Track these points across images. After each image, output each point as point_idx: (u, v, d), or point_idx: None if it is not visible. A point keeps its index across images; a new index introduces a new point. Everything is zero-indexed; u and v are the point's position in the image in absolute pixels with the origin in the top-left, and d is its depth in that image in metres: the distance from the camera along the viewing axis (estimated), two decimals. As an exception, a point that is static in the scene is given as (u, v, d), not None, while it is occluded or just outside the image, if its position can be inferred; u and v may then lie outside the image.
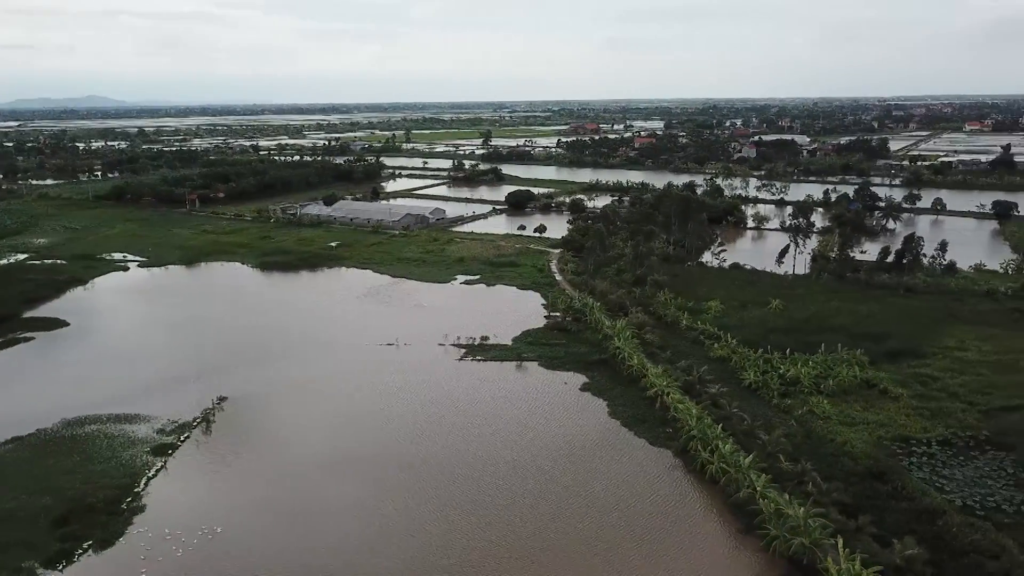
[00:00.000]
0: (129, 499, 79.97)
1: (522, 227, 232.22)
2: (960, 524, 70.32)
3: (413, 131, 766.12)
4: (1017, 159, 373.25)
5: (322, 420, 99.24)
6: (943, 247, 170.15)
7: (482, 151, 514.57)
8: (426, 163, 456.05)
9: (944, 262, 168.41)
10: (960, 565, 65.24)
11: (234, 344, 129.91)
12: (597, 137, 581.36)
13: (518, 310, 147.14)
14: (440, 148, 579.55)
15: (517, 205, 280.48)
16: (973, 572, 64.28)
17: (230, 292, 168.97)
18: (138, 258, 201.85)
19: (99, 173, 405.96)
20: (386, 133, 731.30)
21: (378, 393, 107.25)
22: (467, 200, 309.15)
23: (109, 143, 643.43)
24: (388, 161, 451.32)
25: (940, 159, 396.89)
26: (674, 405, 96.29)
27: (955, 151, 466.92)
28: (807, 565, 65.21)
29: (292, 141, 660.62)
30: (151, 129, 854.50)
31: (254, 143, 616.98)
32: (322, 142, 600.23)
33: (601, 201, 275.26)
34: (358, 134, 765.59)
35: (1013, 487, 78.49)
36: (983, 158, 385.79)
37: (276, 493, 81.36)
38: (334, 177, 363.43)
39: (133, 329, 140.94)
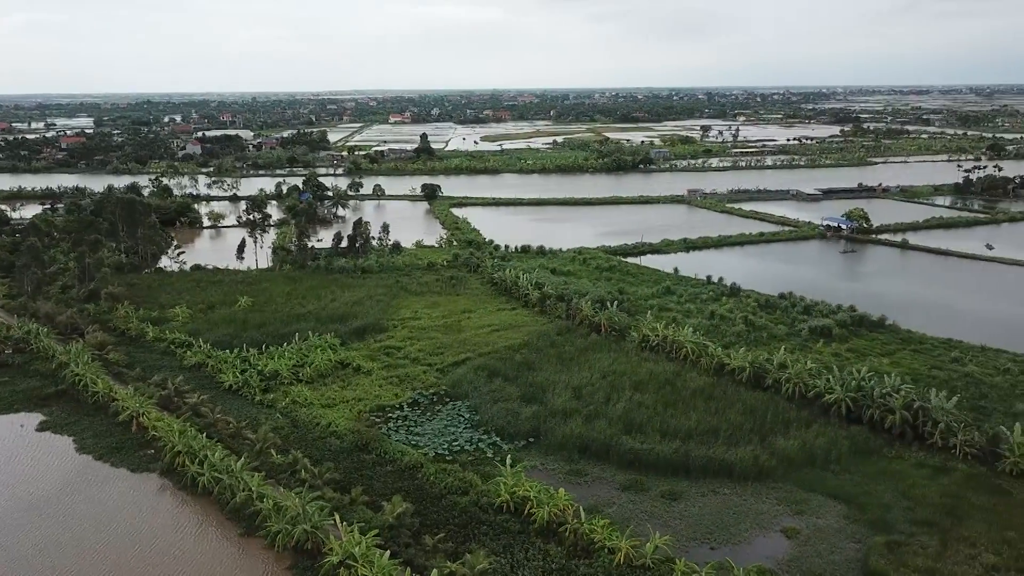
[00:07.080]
0: None
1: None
2: (435, 472, 79.76)
3: None
4: (434, 146, 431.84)
5: None
6: (386, 229, 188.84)
7: None
8: None
9: (390, 242, 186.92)
10: (440, 508, 74.16)
11: None
12: (11, 138, 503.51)
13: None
14: None
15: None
16: (450, 511, 73.59)
17: None
18: None
19: None
20: None
21: None
22: None
23: None
24: None
25: (374, 148, 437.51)
26: (152, 424, 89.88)
27: (384, 141, 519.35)
28: (312, 550, 67.09)
29: None
30: None
31: None
32: None
33: (30, 210, 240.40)
34: None
35: (470, 429, 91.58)
36: (408, 146, 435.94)
37: None
38: None
39: None
